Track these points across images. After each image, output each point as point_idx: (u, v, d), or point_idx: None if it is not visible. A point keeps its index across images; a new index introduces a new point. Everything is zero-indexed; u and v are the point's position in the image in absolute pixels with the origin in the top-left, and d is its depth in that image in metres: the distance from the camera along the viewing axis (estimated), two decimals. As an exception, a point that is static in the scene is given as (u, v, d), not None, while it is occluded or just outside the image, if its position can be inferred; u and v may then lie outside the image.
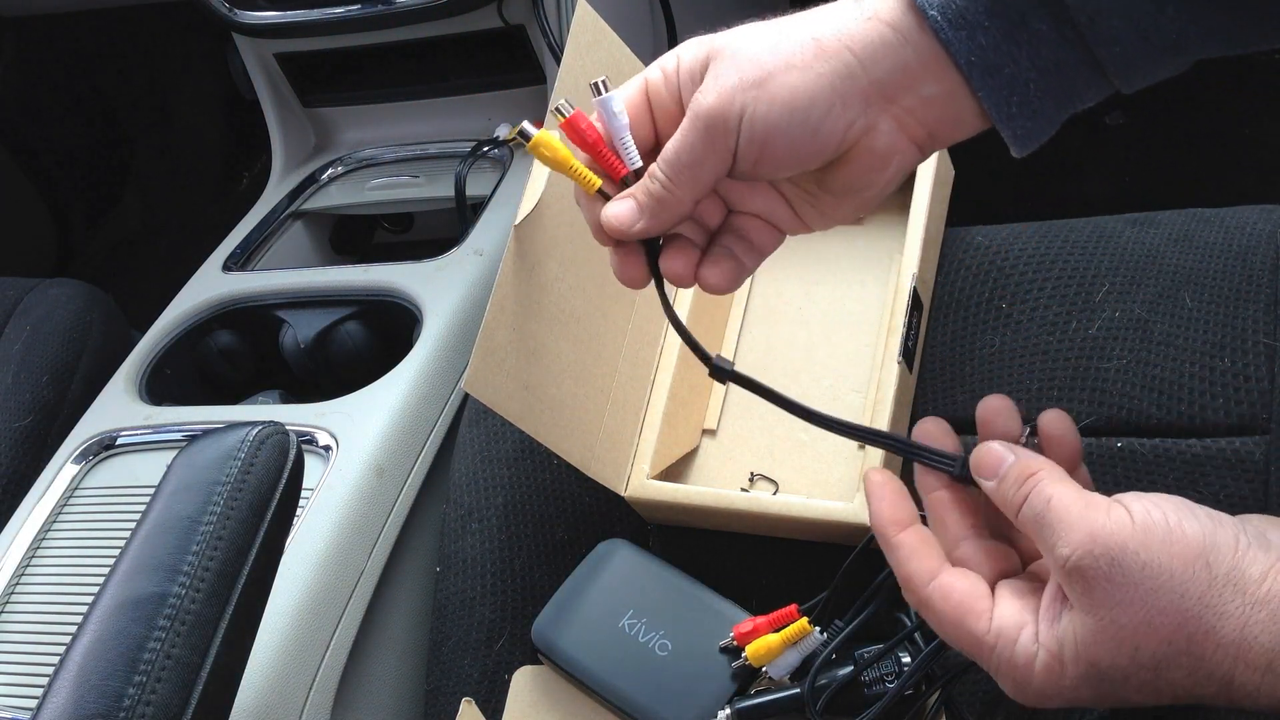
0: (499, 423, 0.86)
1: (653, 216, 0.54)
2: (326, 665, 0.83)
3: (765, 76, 0.52)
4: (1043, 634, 0.49)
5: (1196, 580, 0.45)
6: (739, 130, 0.52)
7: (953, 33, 0.50)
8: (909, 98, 0.52)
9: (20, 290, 1.16)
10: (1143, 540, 0.46)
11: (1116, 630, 0.46)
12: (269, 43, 1.23)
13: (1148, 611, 0.45)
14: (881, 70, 0.51)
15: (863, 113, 0.52)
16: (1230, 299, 0.74)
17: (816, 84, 0.51)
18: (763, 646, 0.67)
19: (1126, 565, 0.46)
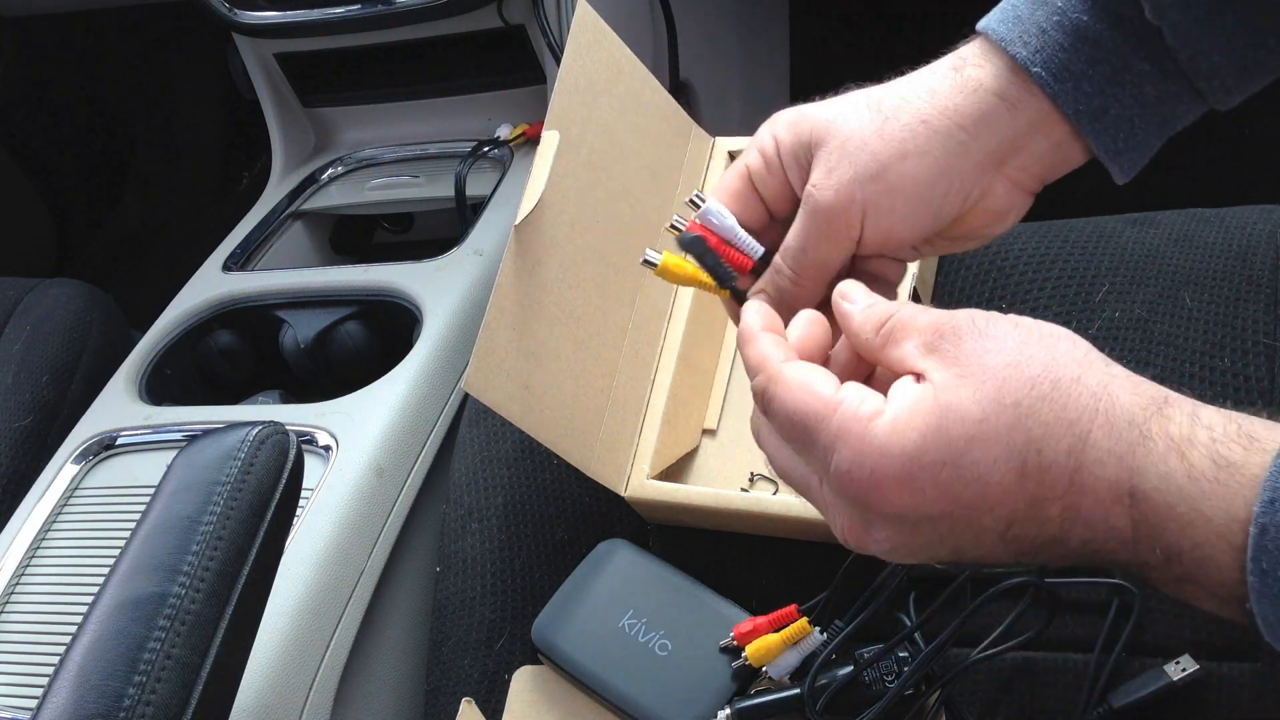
0: (499, 423, 0.86)
1: (786, 306, 0.55)
2: (326, 665, 0.83)
3: (881, 169, 0.52)
4: (893, 394, 0.45)
5: (1062, 342, 0.45)
6: (861, 224, 0.53)
7: (1058, 86, 0.51)
8: (1020, 158, 0.53)
9: (20, 290, 1.16)
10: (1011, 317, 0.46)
11: (981, 370, 0.43)
12: (269, 43, 1.23)
13: (1015, 354, 0.44)
14: (994, 141, 0.52)
15: (977, 182, 0.53)
16: (1230, 299, 0.74)
17: (933, 169, 0.52)
18: (763, 646, 0.67)
19: (999, 323, 0.45)
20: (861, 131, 0.53)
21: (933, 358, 0.45)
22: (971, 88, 0.53)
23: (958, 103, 0.52)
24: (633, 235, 0.79)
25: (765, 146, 0.56)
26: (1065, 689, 0.66)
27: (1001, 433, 0.42)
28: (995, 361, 0.44)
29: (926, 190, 0.52)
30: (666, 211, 0.82)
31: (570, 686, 0.74)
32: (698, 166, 0.85)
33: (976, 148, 0.52)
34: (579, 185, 0.74)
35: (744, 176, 0.57)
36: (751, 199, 0.57)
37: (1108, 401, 0.43)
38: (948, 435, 0.43)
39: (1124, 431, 0.42)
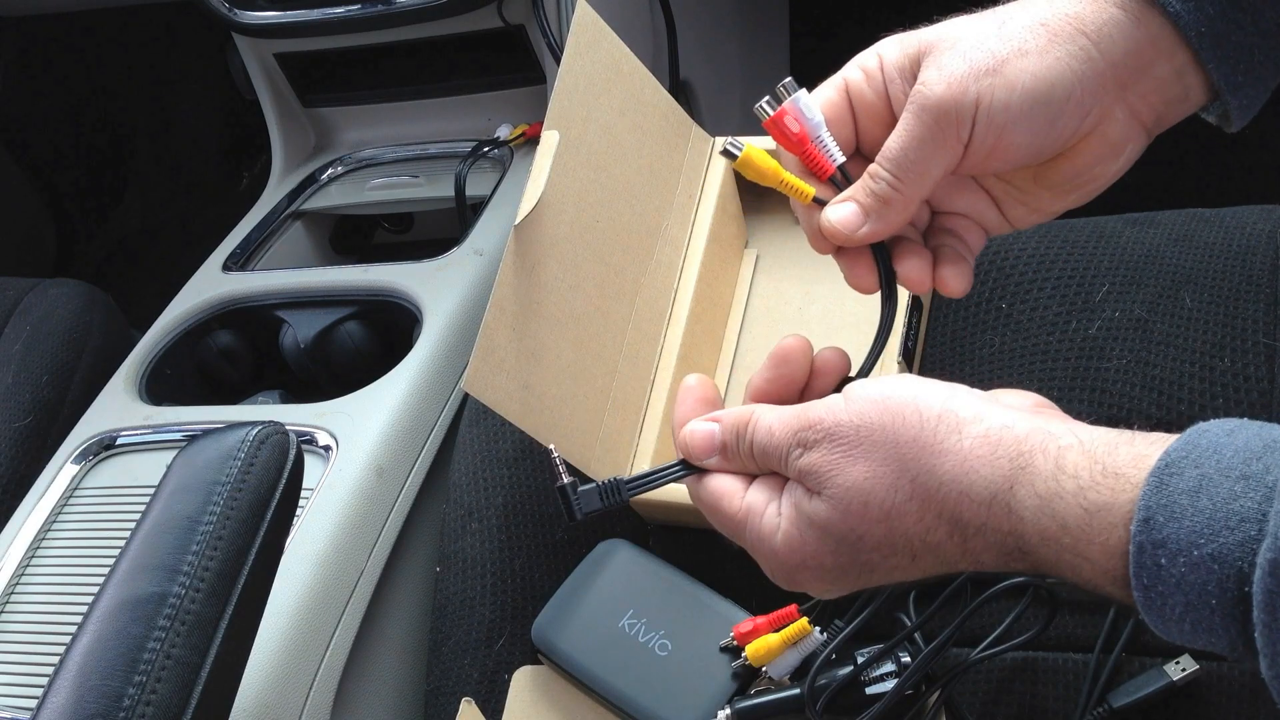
0: (499, 423, 0.86)
1: (879, 219, 0.52)
2: (326, 665, 0.82)
3: (999, 63, 0.49)
4: (784, 506, 0.50)
5: (908, 425, 0.46)
6: (974, 120, 0.50)
7: (1180, 5, 0.49)
8: (1142, 82, 0.50)
9: (20, 290, 1.16)
10: (856, 410, 0.48)
11: (845, 494, 0.47)
12: (269, 43, 1.23)
13: (868, 466, 0.46)
14: (1117, 53, 0.50)
15: (1099, 100, 0.50)
16: (1230, 299, 0.74)
17: (1055, 68, 0.49)
18: (763, 646, 0.67)
19: (842, 435, 0.47)
20: (978, 32, 0.50)
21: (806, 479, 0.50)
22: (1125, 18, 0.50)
23: (1080, 10, 0.50)
24: (633, 235, 0.79)
25: (867, 63, 0.53)
26: (1065, 689, 0.66)
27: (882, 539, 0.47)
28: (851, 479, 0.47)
29: (1048, 88, 0.49)
30: (666, 211, 0.82)
31: (570, 686, 0.74)
32: (698, 166, 0.85)
33: (1101, 59, 0.50)
34: (579, 185, 0.74)
35: (841, 89, 0.54)
36: (845, 115, 0.54)
37: (966, 484, 0.45)
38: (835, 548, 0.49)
39: (991, 507, 0.45)
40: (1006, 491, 0.44)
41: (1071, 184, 0.53)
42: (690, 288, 0.81)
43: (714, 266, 0.83)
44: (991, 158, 0.51)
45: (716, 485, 0.55)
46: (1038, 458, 0.44)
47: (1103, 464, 0.43)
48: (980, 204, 0.55)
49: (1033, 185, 0.54)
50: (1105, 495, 0.42)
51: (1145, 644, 0.67)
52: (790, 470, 0.50)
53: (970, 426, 0.45)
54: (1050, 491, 0.43)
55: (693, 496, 0.57)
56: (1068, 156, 0.52)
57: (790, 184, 0.55)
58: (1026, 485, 0.44)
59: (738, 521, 0.53)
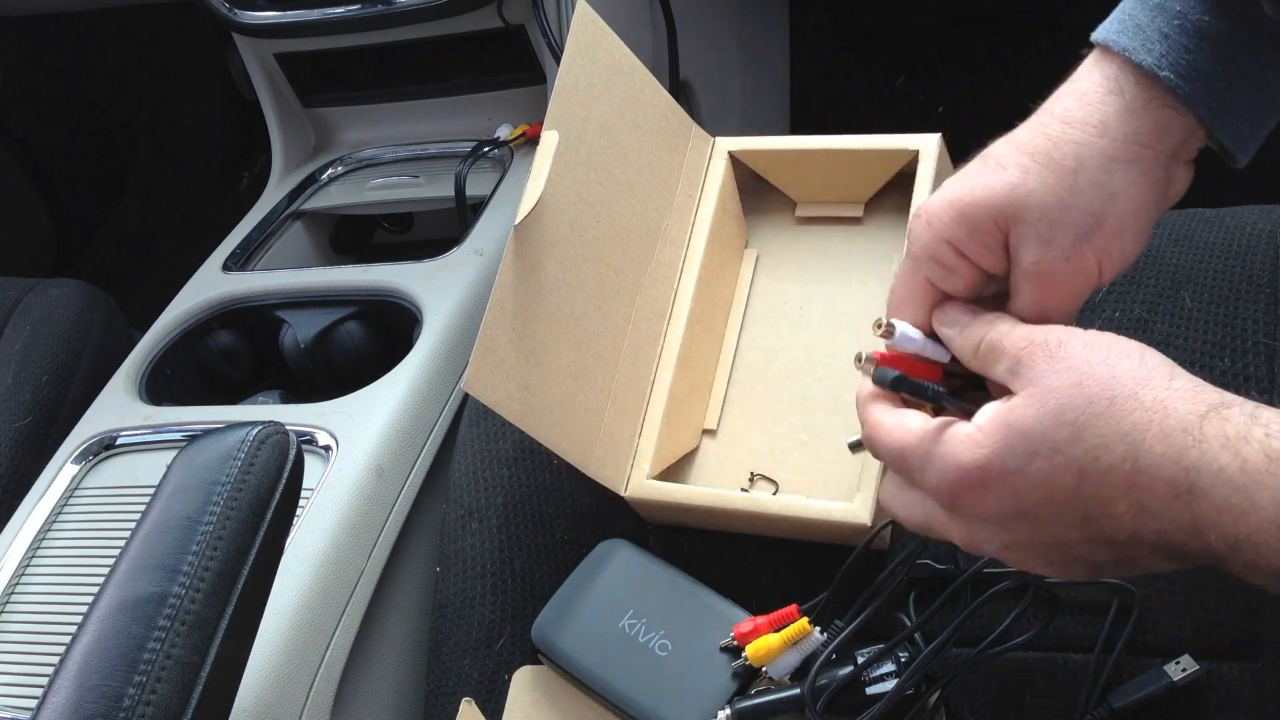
0: (499, 423, 0.86)
1: None
2: (326, 665, 0.82)
3: (1098, 221, 0.53)
4: (977, 416, 0.50)
5: (1128, 359, 0.48)
6: (1100, 275, 0.54)
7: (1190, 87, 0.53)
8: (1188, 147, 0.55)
9: (20, 290, 1.16)
10: (1088, 336, 0.50)
11: (1046, 392, 0.48)
12: (269, 43, 1.23)
13: (1079, 374, 0.48)
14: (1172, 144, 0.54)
15: (1171, 181, 0.55)
16: (1230, 299, 0.74)
17: (1141, 194, 0.54)
18: (763, 647, 0.67)
19: (1069, 346, 0.49)
20: (1058, 193, 0.53)
21: (1014, 380, 0.50)
22: (1135, 108, 0.53)
23: (1135, 126, 0.53)
24: (633, 235, 0.79)
25: (939, 253, 0.55)
26: (1065, 689, 0.66)
27: (1060, 446, 0.47)
28: (1059, 383, 0.48)
29: (1146, 214, 0.54)
30: (666, 211, 0.82)
31: (570, 686, 0.74)
32: (698, 166, 0.85)
33: (1161, 154, 0.54)
34: (579, 185, 0.74)
35: (925, 287, 0.56)
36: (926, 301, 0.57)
37: (1161, 413, 0.47)
38: (1012, 449, 0.48)
39: (1177, 437, 0.46)
40: (1196, 426, 0.46)
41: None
42: (690, 288, 0.81)
43: (714, 266, 0.83)
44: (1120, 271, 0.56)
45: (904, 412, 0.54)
46: (1234, 407, 0.46)
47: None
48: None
49: None
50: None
51: (1145, 644, 0.67)
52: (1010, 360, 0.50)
53: (1183, 376, 0.48)
54: (1239, 434, 0.45)
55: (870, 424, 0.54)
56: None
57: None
58: (1218, 423, 0.45)
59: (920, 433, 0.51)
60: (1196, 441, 0.45)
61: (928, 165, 0.79)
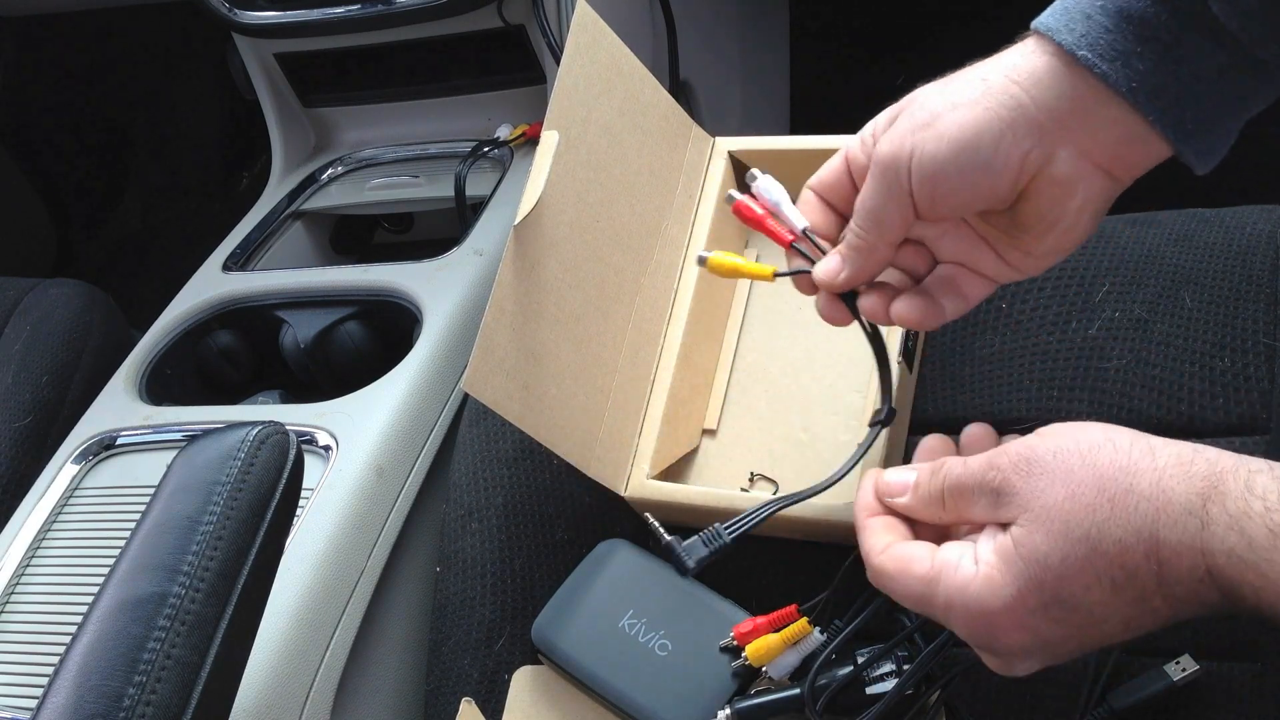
0: (499, 423, 0.86)
1: (854, 265, 0.59)
2: (326, 665, 0.82)
3: (933, 118, 0.55)
4: (981, 552, 0.50)
5: (1103, 451, 0.48)
6: (909, 170, 0.55)
7: (1107, 66, 0.52)
8: (1083, 126, 0.54)
9: (20, 290, 1.16)
10: (1051, 441, 0.50)
11: (1044, 513, 0.48)
12: (269, 43, 1.23)
13: (1068, 487, 0.48)
14: (1049, 99, 0.53)
15: (1038, 142, 0.54)
16: (1230, 299, 0.74)
17: (983, 117, 0.54)
18: (762, 646, 0.67)
19: (1040, 460, 0.49)
20: (928, 91, 0.56)
21: (1001, 510, 0.50)
22: (1030, 51, 0.54)
23: (1018, 64, 0.54)
24: (633, 235, 0.79)
25: (864, 133, 0.59)
26: (1065, 689, 0.66)
27: (1084, 563, 0.47)
28: (1052, 499, 0.48)
29: (974, 136, 0.54)
30: (666, 211, 0.82)
31: (570, 686, 0.74)
32: (698, 166, 0.85)
33: (1032, 105, 0.53)
34: (579, 185, 0.74)
35: (841, 162, 0.61)
36: (844, 183, 0.61)
37: (1163, 500, 0.47)
38: (1039, 581, 0.48)
39: (1186, 522, 0.46)
40: (1200, 509, 0.46)
41: (1039, 223, 0.57)
42: (690, 287, 0.81)
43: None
44: (937, 202, 0.56)
45: (903, 549, 0.54)
46: (1229, 479, 0.46)
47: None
48: (977, 251, 0.60)
49: (1013, 228, 0.58)
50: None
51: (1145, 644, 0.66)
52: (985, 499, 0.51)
53: (1163, 450, 0.48)
54: (1239, 511, 0.45)
55: (874, 569, 0.55)
56: (1025, 198, 0.56)
57: (749, 271, 0.65)
58: (1218, 503, 0.45)
59: (929, 579, 0.52)
60: (1204, 525, 0.45)
61: (928, 165, 0.79)
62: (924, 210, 0.57)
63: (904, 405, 0.76)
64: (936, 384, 0.78)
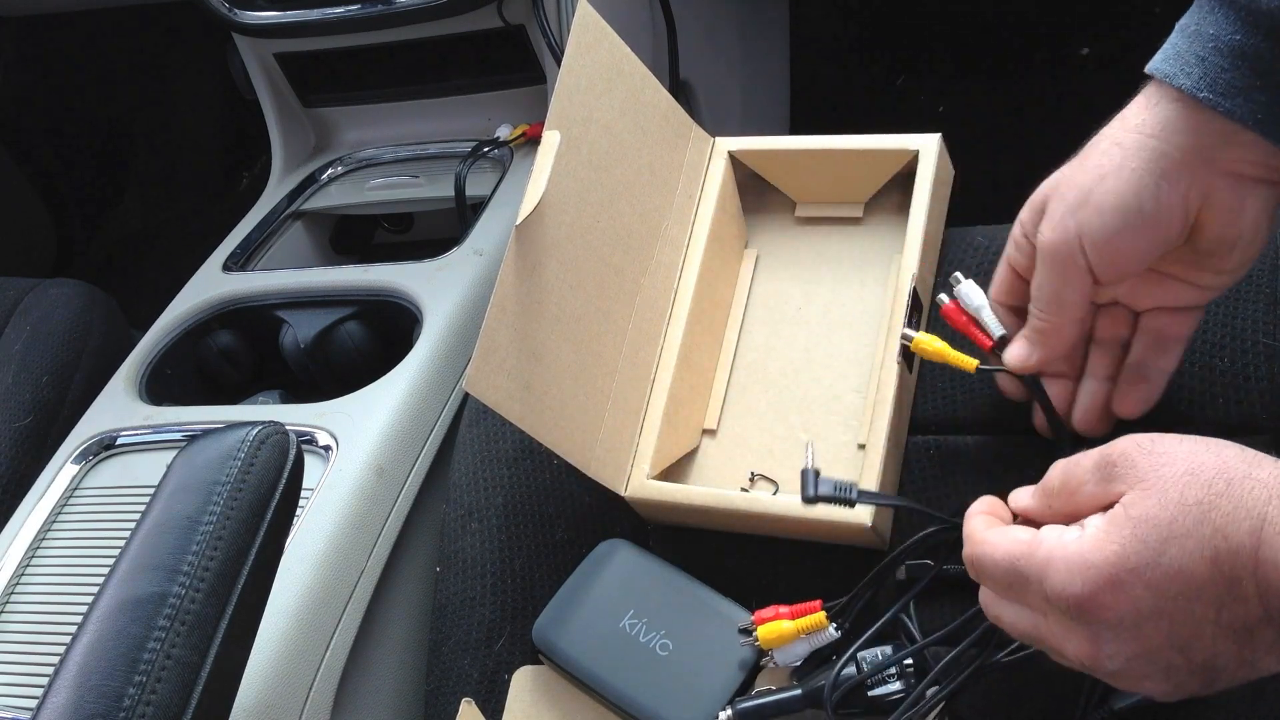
0: (499, 423, 0.86)
1: (1042, 346, 0.63)
2: (326, 665, 0.82)
3: (1085, 195, 0.58)
4: (1088, 523, 0.51)
5: (1231, 447, 0.49)
6: (1084, 250, 0.58)
7: (1230, 104, 0.55)
8: (1228, 152, 0.56)
9: (20, 290, 1.16)
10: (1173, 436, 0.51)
11: (1160, 482, 0.49)
12: (269, 43, 1.23)
13: (1188, 463, 0.49)
14: (1187, 142, 0.56)
15: (1191, 182, 0.57)
16: (1230, 299, 0.74)
17: (1132, 179, 0.57)
18: (775, 630, 0.68)
19: (1164, 440, 0.50)
20: (1069, 173, 0.59)
21: (1114, 484, 0.50)
22: (1155, 103, 0.57)
23: (1142, 117, 0.57)
24: (633, 235, 0.79)
25: (1015, 234, 0.63)
26: (1065, 689, 0.66)
27: (1190, 529, 0.47)
28: (1172, 472, 0.49)
29: (1134, 199, 0.57)
30: (666, 211, 0.82)
31: (570, 687, 0.74)
32: (698, 166, 0.85)
33: (1174, 151, 0.56)
34: (579, 185, 0.74)
35: (1008, 270, 0.65)
36: (1017, 287, 0.65)
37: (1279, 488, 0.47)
38: (1143, 540, 0.48)
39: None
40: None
41: (1220, 246, 0.60)
42: (690, 288, 0.81)
43: (714, 266, 0.83)
44: (1122, 267, 0.60)
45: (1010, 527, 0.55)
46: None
47: None
48: (1170, 289, 0.63)
49: (1198, 257, 0.61)
50: None
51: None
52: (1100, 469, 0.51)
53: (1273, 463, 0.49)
54: None
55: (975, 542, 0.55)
56: (1198, 231, 0.59)
57: (954, 359, 0.69)
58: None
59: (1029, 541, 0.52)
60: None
61: (928, 165, 0.79)
62: (1108, 277, 0.60)
63: (904, 405, 0.76)
64: (936, 384, 0.78)
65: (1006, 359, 0.65)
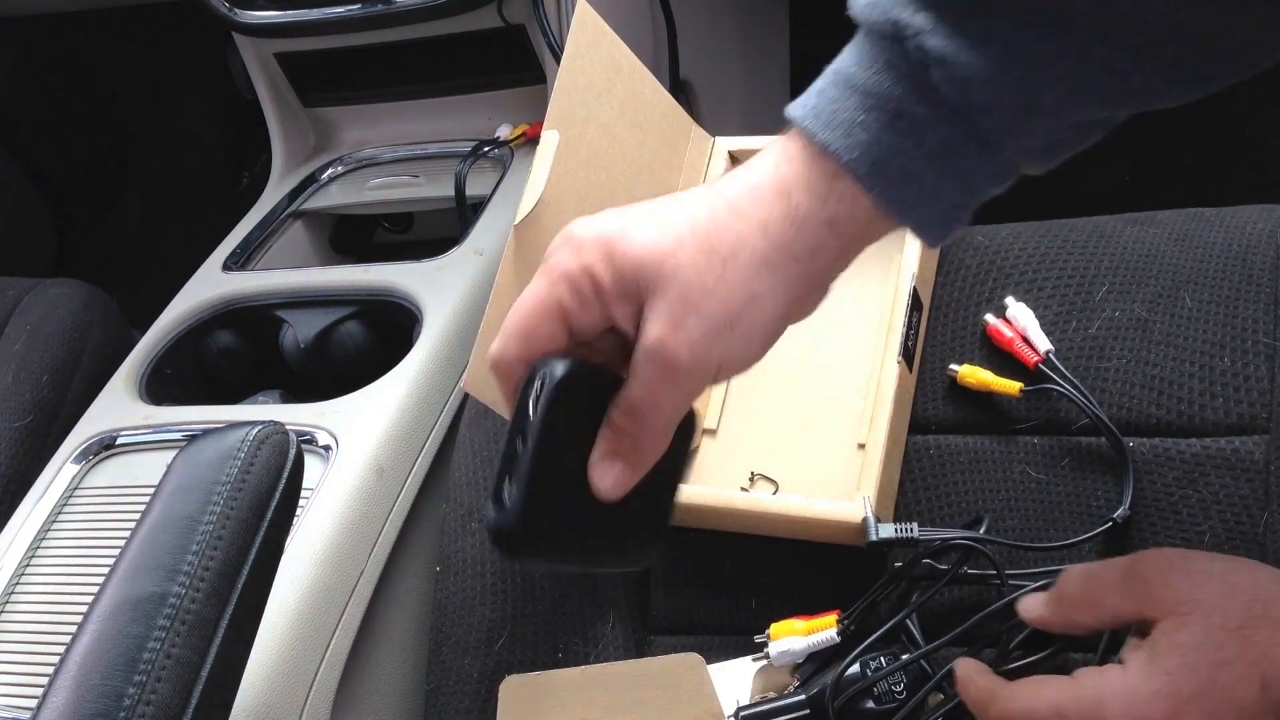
0: (499, 423, 0.86)
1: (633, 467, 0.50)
2: (326, 665, 0.82)
3: (733, 318, 0.49)
4: (1125, 653, 0.50)
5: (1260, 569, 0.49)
6: (716, 374, 0.50)
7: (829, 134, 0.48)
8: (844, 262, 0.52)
9: (20, 290, 1.16)
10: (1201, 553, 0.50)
11: (1200, 606, 0.48)
12: (269, 43, 1.23)
13: (1226, 584, 0.48)
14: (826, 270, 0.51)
15: (813, 301, 0.53)
16: (1230, 299, 0.74)
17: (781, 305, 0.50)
18: (785, 629, 0.69)
19: (1199, 560, 0.49)
20: (701, 279, 0.48)
21: (1146, 604, 0.49)
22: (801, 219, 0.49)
23: (791, 237, 0.49)
24: (633, 235, 0.79)
25: (579, 282, 0.49)
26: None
27: (1237, 654, 0.47)
28: (1209, 594, 0.48)
29: (777, 325, 0.51)
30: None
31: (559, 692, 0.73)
32: (698, 166, 0.85)
33: (813, 273, 0.51)
34: (579, 185, 0.74)
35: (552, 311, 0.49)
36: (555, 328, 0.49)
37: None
38: (1193, 667, 0.47)
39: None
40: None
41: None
42: (690, 288, 0.81)
43: (714, 266, 0.83)
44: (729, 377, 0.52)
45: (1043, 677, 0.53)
46: None
47: None
48: None
49: None
50: None
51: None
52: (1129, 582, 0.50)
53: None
54: None
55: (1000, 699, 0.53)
56: None
57: (997, 386, 0.74)
58: None
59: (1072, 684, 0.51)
60: None
61: (928, 165, 0.79)
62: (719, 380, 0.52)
63: (904, 405, 0.76)
64: (936, 384, 0.78)
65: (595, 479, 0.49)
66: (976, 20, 0.45)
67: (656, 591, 0.79)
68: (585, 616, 0.79)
